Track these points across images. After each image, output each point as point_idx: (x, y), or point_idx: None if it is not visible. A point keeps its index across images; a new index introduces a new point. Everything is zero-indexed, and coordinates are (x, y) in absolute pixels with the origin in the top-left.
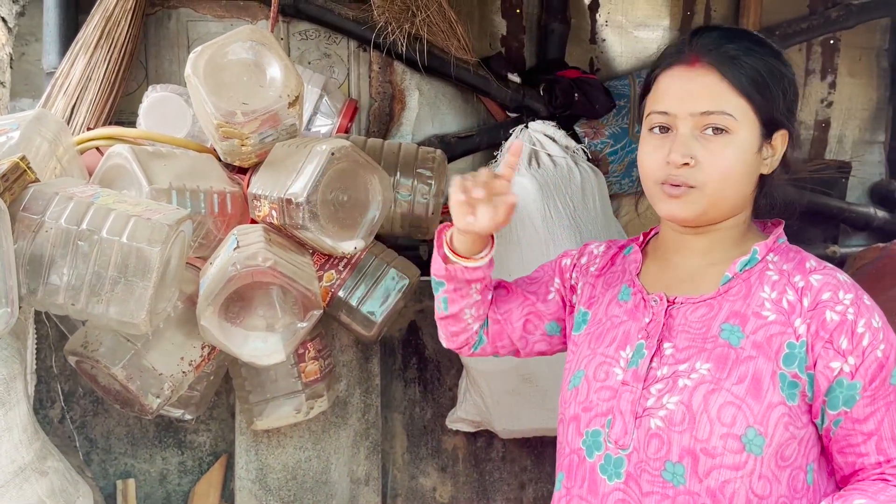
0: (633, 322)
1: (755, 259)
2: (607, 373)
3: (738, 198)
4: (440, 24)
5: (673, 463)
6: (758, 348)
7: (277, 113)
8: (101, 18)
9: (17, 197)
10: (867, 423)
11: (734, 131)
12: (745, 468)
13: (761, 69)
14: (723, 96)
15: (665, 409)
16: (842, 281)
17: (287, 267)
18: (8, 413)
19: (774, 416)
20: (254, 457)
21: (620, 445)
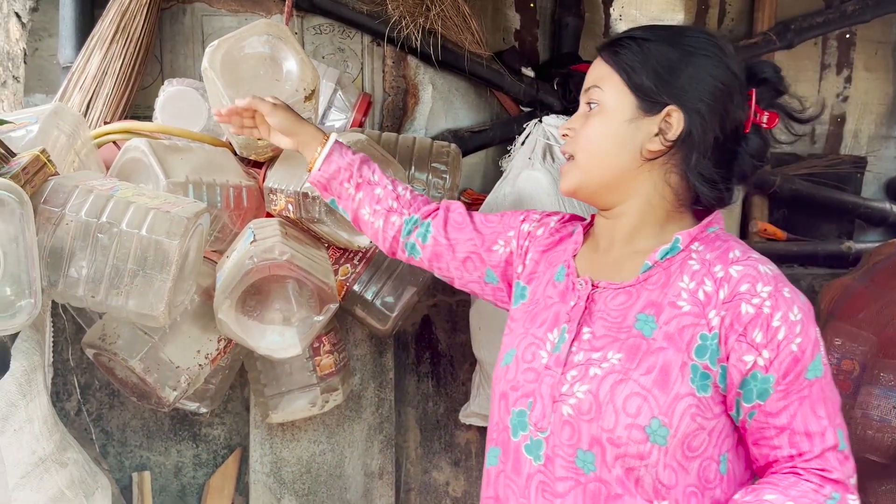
0: (561, 304)
1: (677, 248)
2: (534, 354)
3: (614, 170)
4: (454, 18)
5: (583, 451)
6: (669, 339)
7: (294, 107)
8: (117, 13)
9: (38, 189)
10: (780, 416)
11: (602, 101)
12: (649, 458)
13: (637, 45)
14: (597, 72)
15: (575, 398)
16: (762, 272)
17: (303, 260)
18: (29, 404)
19: (681, 407)
20: (268, 450)
21: (539, 428)
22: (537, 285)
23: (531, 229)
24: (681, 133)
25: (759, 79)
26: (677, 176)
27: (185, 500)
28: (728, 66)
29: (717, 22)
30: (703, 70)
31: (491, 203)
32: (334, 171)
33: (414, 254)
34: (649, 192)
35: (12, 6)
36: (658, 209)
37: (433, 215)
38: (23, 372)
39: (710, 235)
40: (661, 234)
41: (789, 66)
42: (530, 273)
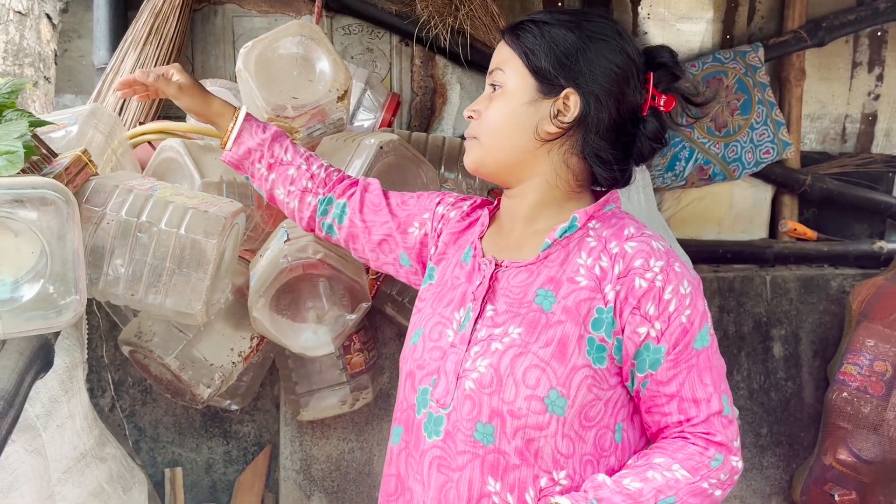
0: (467, 284)
1: (574, 226)
2: (440, 333)
3: (514, 150)
4: (482, 17)
5: (483, 423)
6: (567, 313)
7: (326, 107)
8: (150, 15)
9: (80, 189)
10: (670, 385)
11: (503, 84)
12: (548, 428)
13: (538, 28)
14: (500, 55)
15: (477, 372)
16: (654, 248)
17: (336, 259)
18: (70, 400)
19: (577, 378)
20: (298, 447)
21: (441, 404)
22: (445, 266)
23: (445, 212)
24: (577, 115)
25: (656, 63)
26: (576, 157)
27: (216, 497)
28: (625, 50)
29: (746, 19)
30: (600, 54)
31: None
32: (244, 153)
33: (331, 233)
34: (548, 173)
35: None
36: (557, 189)
37: (349, 195)
38: (65, 369)
39: (607, 213)
40: (560, 213)
41: (820, 64)
42: (440, 254)
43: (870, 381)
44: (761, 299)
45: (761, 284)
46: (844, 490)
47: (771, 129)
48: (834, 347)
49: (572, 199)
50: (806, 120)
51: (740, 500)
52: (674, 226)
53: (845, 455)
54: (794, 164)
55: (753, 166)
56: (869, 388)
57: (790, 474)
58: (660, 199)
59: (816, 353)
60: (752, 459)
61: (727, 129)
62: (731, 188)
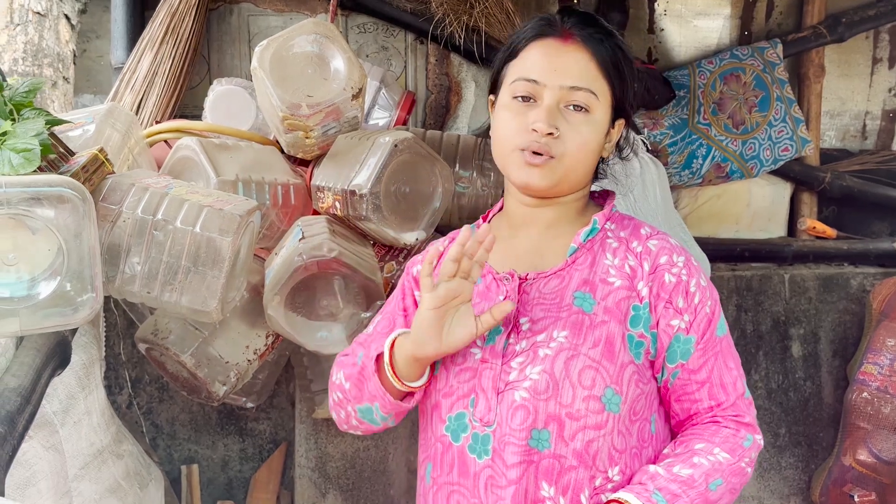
0: (486, 303)
1: (596, 228)
2: (465, 355)
3: (586, 174)
4: (497, 15)
5: (538, 430)
6: (608, 313)
7: (340, 105)
8: (167, 14)
9: (96, 187)
10: (700, 372)
11: (593, 110)
12: (606, 426)
13: (620, 56)
14: (591, 75)
15: (529, 380)
16: (674, 245)
17: (351, 257)
18: (87, 397)
19: (627, 374)
20: (313, 445)
21: (486, 423)
22: None
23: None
24: (619, 139)
25: None
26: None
27: (232, 494)
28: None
29: (765, 15)
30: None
31: None
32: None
33: None
34: (587, 185)
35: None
36: (585, 197)
37: None
38: (81, 365)
39: (616, 215)
40: (578, 218)
41: (840, 60)
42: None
43: (890, 381)
44: (780, 298)
45: (780, 283)
46: (864, 491)
47: (790, 125)
48: (854, 347)
49: (588, 202)
50: (825, 117)
51: (758, 501)
52: (691, 224)
53: (865, 455)
54: (814, 162)
55: (772, 164)
56: (889, 388)
57: (809, 475)
58: (677, 197)
59: (836, 352)
60: (770, 460)
61: (745, 127)
62: (749, 186)
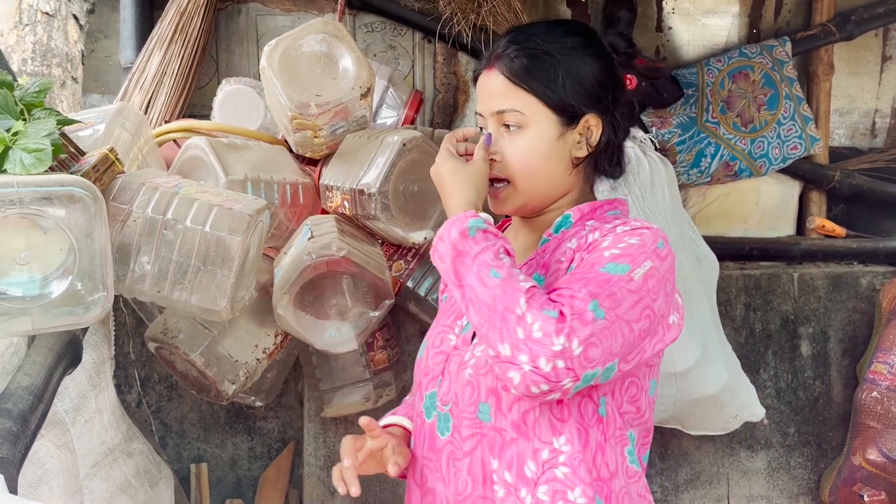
0: None
1: (569, 222)
2: (442, 339)
3: (553, 184)
4: (505, 13)
5: (482, 402)
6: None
7: (349, 105)
8: (175, 14)
9: (107, 187)
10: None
11: (525, 125)
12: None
13: (540, 60)
14: (510, 94)
15: (474, 358)
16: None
17: (360, 257)
18: (98, 396)
19: None
20: (322, 444)
21: (444, 402)
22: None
23: None
24: (601, 136)
25: (620, 53)
26: (589, 168)
27: (241, 492)
28: (610, 54)
29: (773, 13)
30: (599, 69)
31: None
32: None
33: None
34: (573, 190)
35: (70, 9)
36: (573, 202)
37: None
38: (92, 364)
39: (608, 217)
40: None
41: (849, 57)
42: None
43: None
44: (789, 297)
45: (789, 282)
46: (874, 490)
47: (798, 124)
48: (863, 346)
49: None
50: (834, 115)
51: (768, 500)
52: (699, 223)
53: (875, 455)
54: (823, 160)
55: (781, 162)
56: None
57: (818, 474)
58: (685, 196)
59: (845, 351)
60: (779, 459)
61: (753, 125)
62: (758, 184)
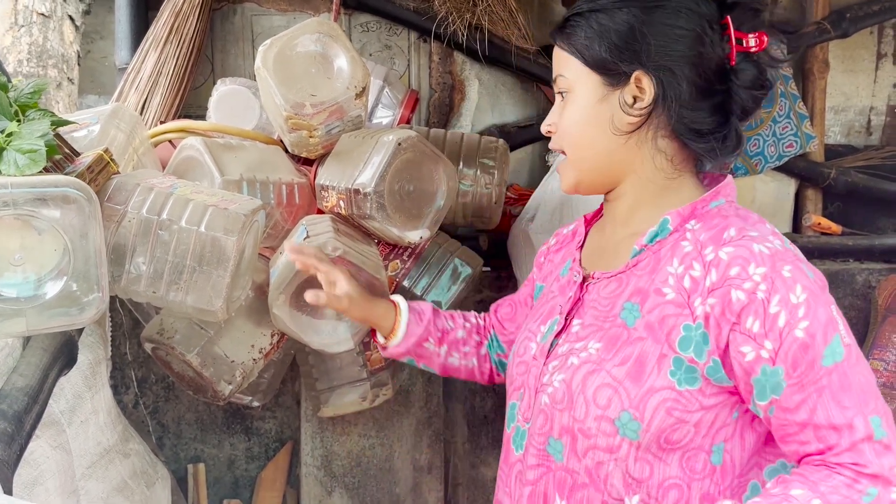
0: (560, 297)
1: (666, 229)
2: (525, 348)
3: (602, 154)
4: (500, 13)
5: (555, 439)
6: (649, 329)
7: (344, 104)
8: (171, 14)
9: (102, 188)
10: (799, 412)
11: (571, 89)
12: (619, 452)
13: (585, 20)
14: (559, 60)
15: (552, 387)
16: (756, 252)
17: (355, 256)
18: (94, 396)
19: (654, 401)
20: (319, 444)
21: (525, 419)
22: (547, 282)
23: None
24: (654, 96)
25: (729, 4)
26: (667, 139)
27: (239, 492)
28: (686, 6)
29: (768, 12)
30: (659, 23)
31: (538, 198)
32: (414, 342)
33: (502, 368)
34: (643, 166)
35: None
36: (653, 182)
37: (492, 326)
38: (88, 365)
39: (713, 211)
40: (657, 211)
41: (844, 55)
42: (546, 275)
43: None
44: None
45: None
46: None
47: (794, 122)
48: (860, 343)
49: (671, 189)
50: (830, 112)
51: None
52: None
53: None
54: (818, 158)
55: (776, 160)
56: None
57: None
58: None
59: None
60: None
61: (749, 123)
62: (754, 182)
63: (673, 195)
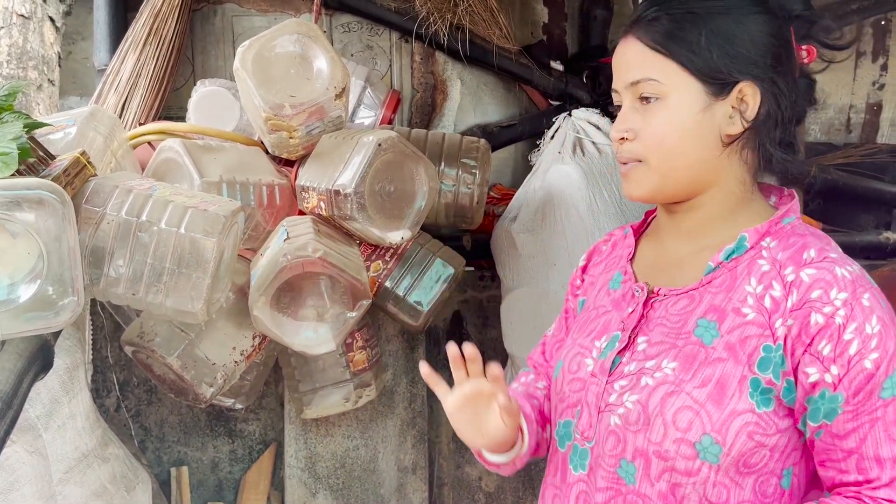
0: (616, 312)
1: (744, 247)
2: (579, 364)
3: (694, 166)
4: (482, 13)
5: (627, 461)
6: (730, 350)
7: (324, 105)
8: (150, 15)
9: (79, 190)
10: (848, 439)
11: (664, 95)
12: (698, 475)
13: (683, 21)
14: (646, 62)
15: (623, 408)
16: (839, 277)
17: (336, 257)
18: (72, 401)
19: (736, 424)
20: (303, 445)
21: (586, 437)
22: (592, 294)
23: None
24: (759, 108)
25: (793, 16)
26: (751, 152)
27: (222, 495)
28: (775, 14)
29: None
30: (757, 30)
31: (521, 197)
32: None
33: None
34: (727, 178)
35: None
36: (733, 195)
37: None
38: (65, 369)
39: (786, 228)
40: (731, 225)
41: None
42: (588, 286)
43: None
44: None
45: None
46: None
47: None
48: None
49: (745, 204)
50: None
51: None
52: None
53: None
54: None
55: None
56: None
57: None
58: None
59: None
60: None
61: None
62: None
63: (747, 210)
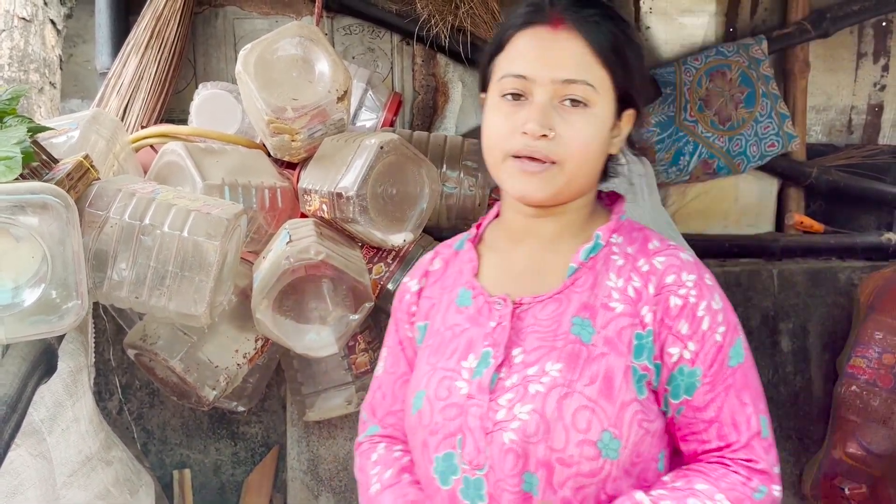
0: (476, 328)
1: (599, 245)
2: (449, 389)
3: (591, 177)
4: (483, 14)
5: (530, 473)
6: (609, 344)
7: (326, 108)
8: (152, 19)
9: (82, 194)
10: (708, 410)
11: (593, 104)
12: (600, 474)
13: (621, 39)
14: (587, 65)
15: (518, 420)
16: (685, 261)
17: (339, 260)
18: (75, 404)
19: (628, 415)
20: (305, 448)
21: (476, 466)
22: (435, 316)
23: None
24: (629, 133)
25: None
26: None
27: (225, 498)
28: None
29: (749, 12)
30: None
31: None
32: None
33: None
34: (593, 187)
35: (47, 14)
36: (590, 202)
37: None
38: (69, 373)
39: (625, 224)
40: (582, 230)
41: (825, 55)
42: (427, 309)
43: (879, 374)
44: (769, 293)
45: (768, 278)
46: (855, 483)
47: (776, 121)
48: (843, 341)
49: (593, 208)
50: (811, 112)
51: None
52: (679, 220)
53: (855, 448)
54: (800, 157)
55: (758, 159)
56: (878, 381)
57: (800, 469)
58: (664, 194)
59: (825, 346)
60: None
61: (731, 123)
62: (737, 182)
63: (594, 213)
